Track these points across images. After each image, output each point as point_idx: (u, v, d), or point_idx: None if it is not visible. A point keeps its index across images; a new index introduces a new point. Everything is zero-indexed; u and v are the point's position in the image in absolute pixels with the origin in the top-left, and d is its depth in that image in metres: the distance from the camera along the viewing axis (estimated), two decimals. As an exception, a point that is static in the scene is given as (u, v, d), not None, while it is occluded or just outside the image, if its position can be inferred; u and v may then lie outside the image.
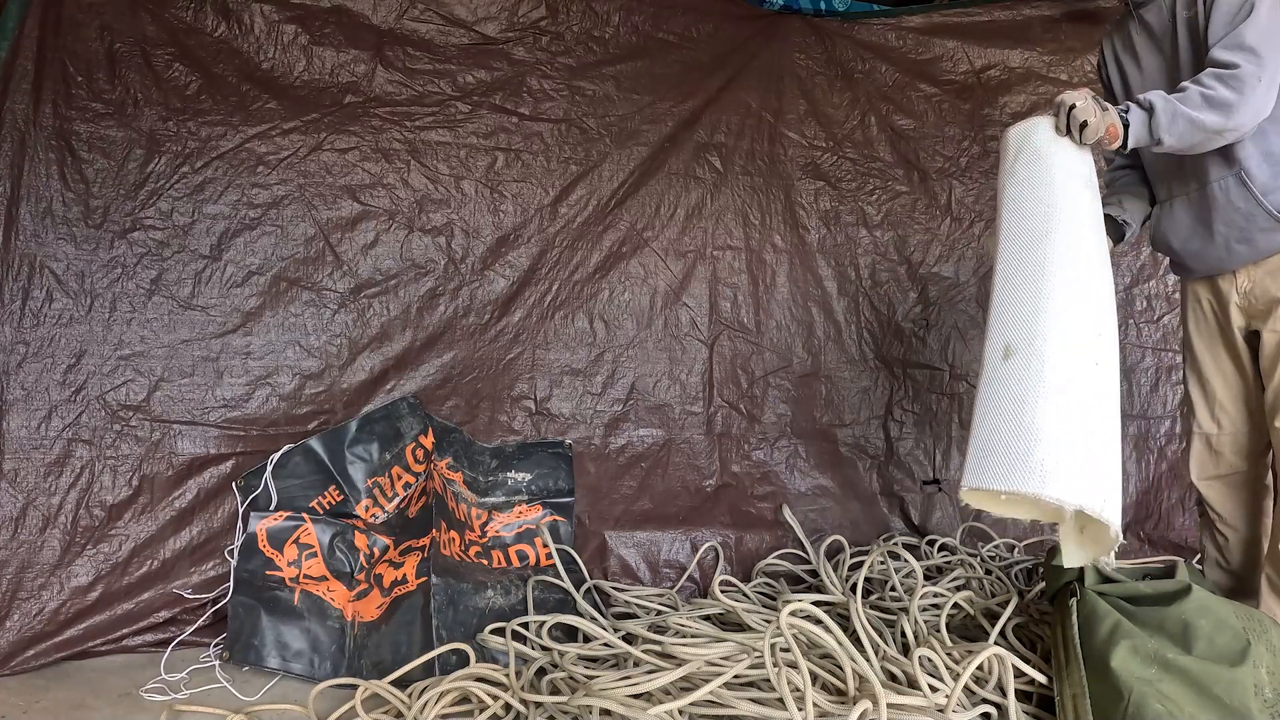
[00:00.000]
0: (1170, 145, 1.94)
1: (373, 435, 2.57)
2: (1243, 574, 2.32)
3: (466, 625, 2.31)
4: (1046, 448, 1.77)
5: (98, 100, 2.50)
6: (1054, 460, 1.76)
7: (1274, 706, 1.70)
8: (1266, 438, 2.22)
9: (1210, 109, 1.91)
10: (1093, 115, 1.93)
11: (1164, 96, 1.93)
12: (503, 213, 2.85)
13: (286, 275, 2.64)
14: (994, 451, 1.82)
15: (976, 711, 1.82)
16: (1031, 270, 1.93)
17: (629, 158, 2.97)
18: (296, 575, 2.39)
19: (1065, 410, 1.80)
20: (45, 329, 2.42)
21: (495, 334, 2.82)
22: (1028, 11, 3.33)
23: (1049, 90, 3.28)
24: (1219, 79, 1.91)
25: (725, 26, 3.11)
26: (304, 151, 2.67)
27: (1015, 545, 3.00)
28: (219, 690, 2.17)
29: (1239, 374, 2.24)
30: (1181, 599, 1.83)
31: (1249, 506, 2.30)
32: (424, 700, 1.94)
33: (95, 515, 2.39)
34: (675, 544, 2.85)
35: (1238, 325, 2.19)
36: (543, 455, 2.75)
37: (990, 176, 3.25)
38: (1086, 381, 1.84)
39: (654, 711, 1.69)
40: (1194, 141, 1.95)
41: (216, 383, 2.55)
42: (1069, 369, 1.83)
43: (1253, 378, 2.21)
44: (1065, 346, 1.85)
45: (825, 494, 3.06)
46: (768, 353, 3.07)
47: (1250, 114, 1.90)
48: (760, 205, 3.10)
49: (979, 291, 3.22)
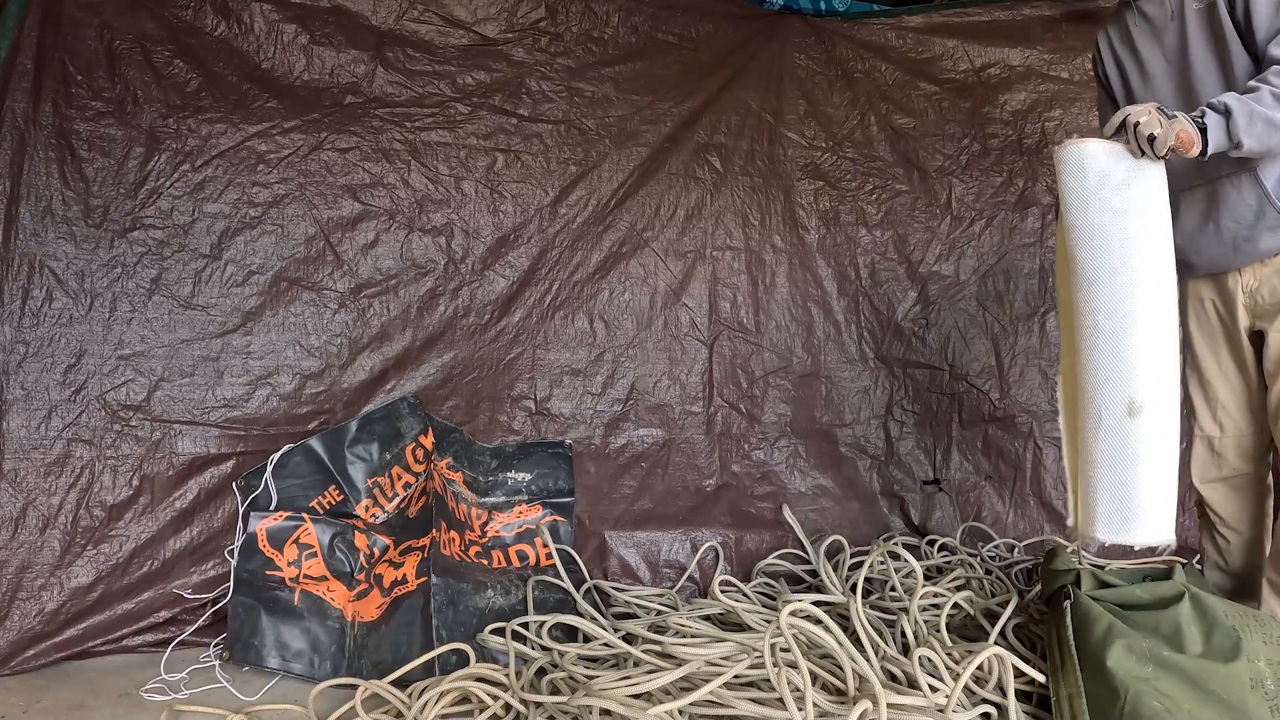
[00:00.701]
0: (1249, 148, 1.85)
1: (373, 435, 2.57)
2: (1243, 576, 2.32)
3: (466, 625, 2.31)
4: (1170, 497, 1.91)
5: (97, 98, 2.49)
6: (1169, 507, 1.90)
7: (1274, 699, 1.70)
8: (1269, 439, 2.20)
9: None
10: (1158, 127, 1.82)
11: (1238, 98, 1.85)
12: (502, 213, 2.85)
13: (287, 275, 2.64)
14: (1136, 506, 1.90)
15: (976, 711, 1.83)
16: (1147, 317, 1.87)
17: (628, 158, 2.97)
18: (296, 575, 2.39)
19: (1174, 458, 1.92)
20: (45, 328, 2.41)
21: (495, 334, 2.82)
22: (1027, 11, 3.33)
23: (1050, 88, 3.28)
24: None
25: (725, 27, 3.11)
26: (304, 151, 2.67)
27: (1015, 545, 3.00)
28: (219, 690, 2.17)
29: (1242, 375, 2.22)
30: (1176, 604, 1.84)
31: (1251, 509, 2.29)
32: (424, 700, 1.94)
33: (95, 515, 2.39)
34: (675, 544, 2.85)
35: (1243, 325, 2.17)
36: (543, 455, 2.75)
37: (991, 173, 3.25)
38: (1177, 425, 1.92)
39: (654, 711, 1.69)
40: (1272, 144, 1.86)
41: (217, 382, 2.55)
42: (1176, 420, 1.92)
43: (1256, 379, 2.20)
44: (1174, 398, 1.90)
45: (825, 494, 3.06)
46: (767, 353, 3.07)
47: None
48: (760, 205, 3.10)
49: (980, 290, 3.22)
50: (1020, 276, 3.25)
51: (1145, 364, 1.86)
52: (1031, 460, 3.19)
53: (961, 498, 3.15)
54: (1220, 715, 1.65)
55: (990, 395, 3.21)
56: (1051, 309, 3.22)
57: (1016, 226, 3.26)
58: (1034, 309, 3.25)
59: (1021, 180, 3.27)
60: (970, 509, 3.14)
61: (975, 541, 3.01)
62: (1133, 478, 1.89)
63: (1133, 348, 1.87)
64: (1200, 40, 2.04)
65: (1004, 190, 3.26)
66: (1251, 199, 2.03)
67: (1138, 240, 1.87)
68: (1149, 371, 1.86)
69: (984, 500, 3.16)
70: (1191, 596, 1.86)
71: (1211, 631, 1.79)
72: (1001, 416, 3.20)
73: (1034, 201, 3.27)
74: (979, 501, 3.16)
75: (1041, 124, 3.28)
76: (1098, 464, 1.93)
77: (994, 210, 3.25)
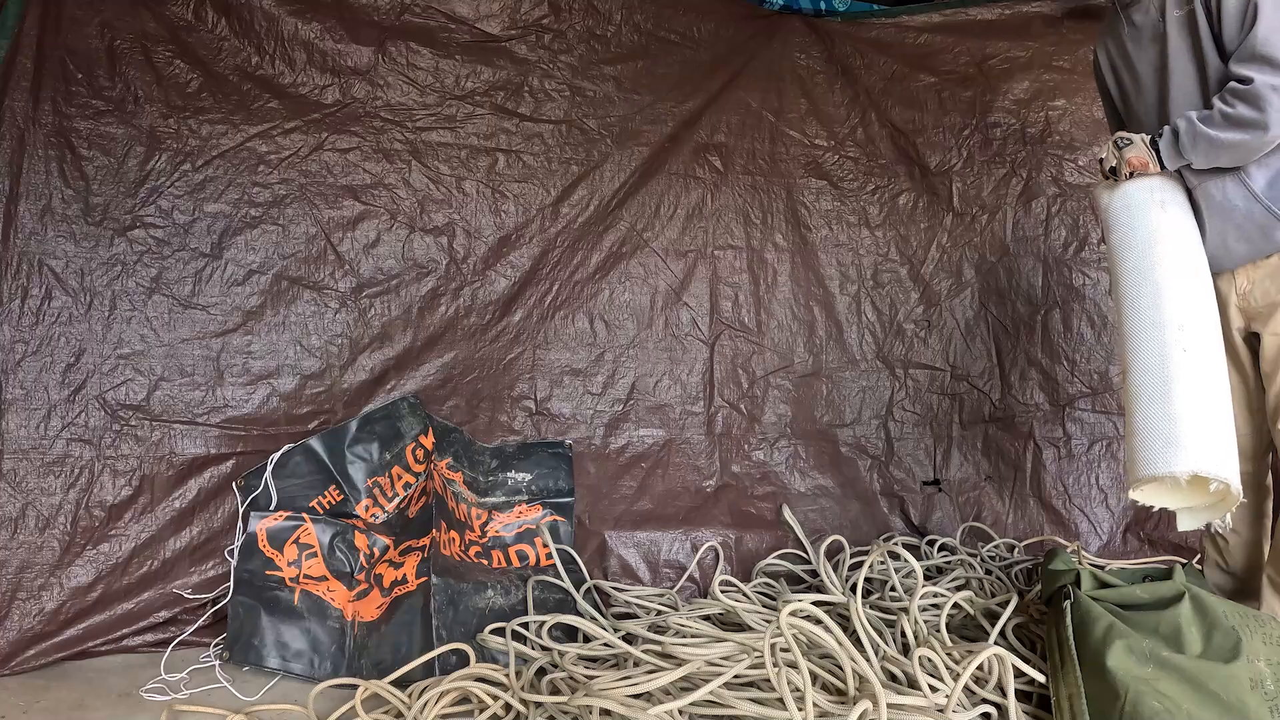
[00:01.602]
0: (1200, 164, 2.04)
1: (373, 435, 2.57)
2: (1243, 576, 2.32)
3: (466, 625, 2.31)
4: (1221, 432, 1.98)
5: (98, 97, 2.49)
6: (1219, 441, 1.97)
7: (1274, 699, 1.70)
8: (1267, 439, 2.21)
9: (1234, 128, 1.95)
10: (1114, 160, 2.14)
11: (1188, 118, 2.01)
12: (504, 213, 2.85)
13: (287, 274, 2.64)
14: (1178, 435, 1.97)
15: (976, 711, 1.83)
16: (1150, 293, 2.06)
17: (630, 158, 2.97)
18: (296, 575, 2.39)
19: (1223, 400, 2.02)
20: (44, 328, 2.41)
21: (496, 334, 2.82)
22: (1027, 10, 3.32)
23: (1053, 78, 3.28)
24: (1238, 96, 1.93)
25: (726, 26, 3.11)
26: (305, 151, 2.66)
27: (1015, 545, 3.00)
28: (219, 690, 2.17)
29: (1239, 376, 2.23)
30: (1176, 604, 1.84)
31: (1250, 509, 2.29)
32: (424, 700, 1.94)
33: (95, 515, 2.39)
34: (675, 544, 2.85)
35: (1237, 327, 2.18)
36: (543, 455, 2.75)
37: (993, 165, 3.25)
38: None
39: (654, 711, 1.69)
40: (1220, 161, 2.02)
41: (217, 382, 2.55)
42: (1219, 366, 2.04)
43: (1253, 380, 2.20)
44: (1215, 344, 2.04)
45: (825, 494, 3.06)
46: (768, 352, 3.07)
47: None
48: (761, 205, 3.10)
49: (982, 287, 3.23)
50: (1023, 273, 3.26)
51: (1182, 306, 2.01)
52: (1031, 460, 3.19)
53: (961, 498, 3.15)
54: (1220, 715, 1.65)
55: (991, 395, 3.21)
56: (1054, 306, 3.25)
57: (1020, 220, 3.26)
58: (1036, 307, 3.25)
59: (1025, 171, 3.26)
60: (970, 509, 3.14)
61: (975, 541, 3.01)
62: (1173, 409, 1.96)
63: (1168, 302, 2.03)
64: (1180, 49, 2.08)
65: (1007, 182, 3.26)
66: (1239, 201, 2.05)
67: (1167, 236, 2.09)
68: (1187, 308, 2.01)
69: (984, 500, 3.16)
70: (1192, 597, 1.86)
71: (1211, 632, 1.79)
72: (1002, 417, 3.20)
73: (1039, 193, 3.27)
74: (979, 501, 3.16)
75: (1045, 113, 3.28)
76: (1139, 400, 2.02)
77: (997, 204, 3.25)
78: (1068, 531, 3.15)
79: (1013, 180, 3.26)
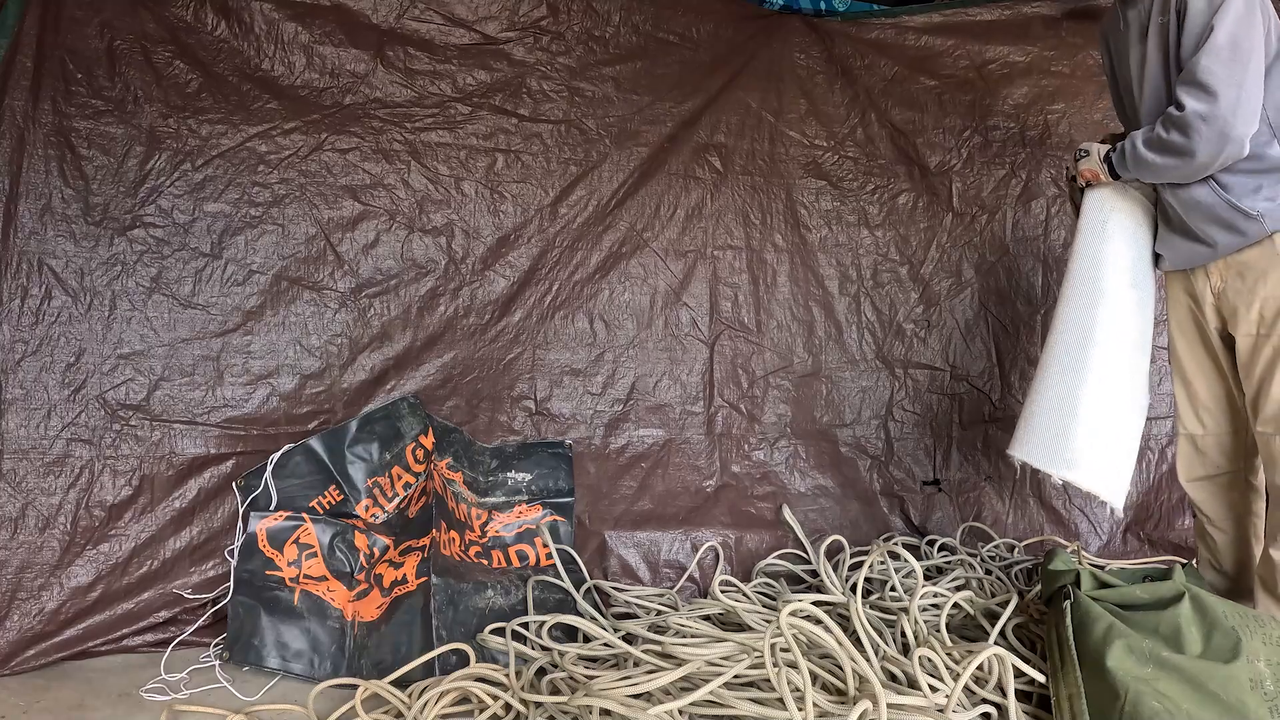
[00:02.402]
0: (1142, 179, 2.16)
1: (373, 435, 2.57)
2: (1235, 575, 2.33)
3: (466, 625, 2.31)
4: (1120, 456, 2.13)
5: (97, 97, 2.49)
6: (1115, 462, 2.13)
7: (1274, 700, 1.70)
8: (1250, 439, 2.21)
9: (1165, 153, 1.99)
10: (1072, 168, 2.32)
11: (1133, 137, 2.10)
12: (503, 213, 2.85)
13: (287, 274, 2.64)
14: (1074, 440, 2.11)
15: (976, 711, 1.83)
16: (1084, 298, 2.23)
17: (629, 158, 2.97)
18: (296, 575, 2.39)
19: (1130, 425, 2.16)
20: (44, 327, 2.41)
21: (495, 334, 2.82)
22: (1027, 10, 3.33)
23: (1052, 82, 3.28)
24: (1172, 121, 1.96)
25: (725, 26, 3.11)
26: (305, 151, 2.66)
27: (1015, 545, 3.00)
28: (219, 690, 2.17)
29: (1219, 374, 2.23)
30: (1176, 604, 1.84)
31: (1237, 508, 2.29)
32: (424, 700, 1.94)
33: (95, 515, 2.39)
34: (675, 544, 2.85)
35: (1214, 326, 2.18)
36: (543, 455, 2.75)
37: (993, 166, 3.25)
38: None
39: (654, 711, 1.69)
40: (1161, 179, 2.11)
41: (217, 382, 2.55)
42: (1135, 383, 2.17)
43: (1232, 378, 2.20)
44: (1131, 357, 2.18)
45: (825, 494, 3.06)
46: (768, 352, 3.07)
47: (1210, 150, 1.91)
48: (761, 205, 3.10)
49: (982, 287, 3.23)
50: (1023, 273, 3.26)
51: (1106, 307, 2.16)
52: (1031, 460, 3.19)
53: (961, 498, 3.15)
54: (1220, 715, 1.65)
55: (990, 395, 3.21)
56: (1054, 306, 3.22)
57: (1020, 220, 3.26)
58: (1035, 307, 3.25)
59: (1025, 172, 3.26)
60: (970, 509, 3.14)
61: (975, 541, 3.01)
62: (1077, 409, 2.08)
63: (1099, 301, 2.18)
64: (1155, 57, 2.09)
65: (1006, 183, 3.26)
66: (1204, 197, 2.05)
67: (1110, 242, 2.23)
68: (1109, 313, 2.16)
69: (984, 500, 3.16)
70: (1191, 597, 1.86)
71: (1211, 632, 1.80)
72: (1001, 417, 3.20)
73: (1038, 194, 3.27)
74: (979, 501, 3.16)
75: (1044, 116, 3.28)
76: (1045, 389, 2.14)
77: (996, 204, 3.25)
78: (1067, 531, 3.15)
79: (1012, 181, 3.27)
